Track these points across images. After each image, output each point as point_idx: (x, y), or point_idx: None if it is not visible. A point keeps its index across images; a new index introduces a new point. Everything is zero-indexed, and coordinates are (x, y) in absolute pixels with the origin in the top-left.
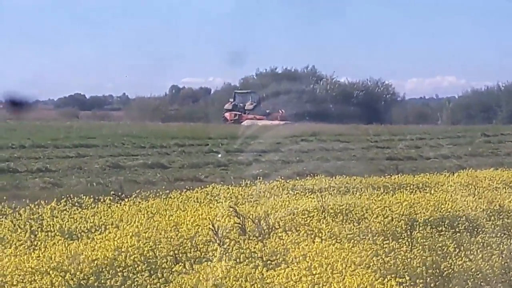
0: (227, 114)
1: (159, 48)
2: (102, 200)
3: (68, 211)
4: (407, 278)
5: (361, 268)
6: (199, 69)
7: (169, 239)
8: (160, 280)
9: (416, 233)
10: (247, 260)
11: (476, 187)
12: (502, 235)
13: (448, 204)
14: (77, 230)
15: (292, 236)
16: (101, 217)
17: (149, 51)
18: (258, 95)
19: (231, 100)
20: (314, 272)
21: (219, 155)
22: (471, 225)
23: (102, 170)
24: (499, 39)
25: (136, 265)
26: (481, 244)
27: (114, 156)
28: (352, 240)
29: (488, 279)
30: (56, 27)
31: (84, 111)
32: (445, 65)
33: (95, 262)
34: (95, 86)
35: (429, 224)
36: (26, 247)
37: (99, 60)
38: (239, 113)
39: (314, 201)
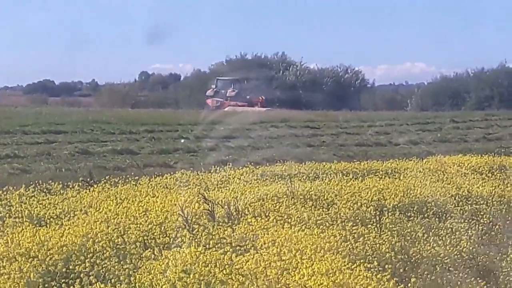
0: (209, 101)
1: (128, 34)
2: (71, 186)
3: (36, 197)
4: (376, 263)
5: (330, 253)
6: (168, 56)
7: (138, 225)
8: (129, 266)
9: (385, 218)
10: (216, 246)
11: (444, 173)
12: (470, 220)
13: (417, 190)
14: (46, 216)
15: (262, 221)
16: (70, 203)
17: (118, 37)
18: (240, 82)
19: (213, 86)
20: (283, 258)
21: (182, 141)
22: (439, 210)
23: (71, 156)
24: (468, 26)
25: (105, 251)
26: (450, 229)
27: (83, 142)
28: (321, 226)
29: (457, 264)
30: (25, 13)
31: (53, 97)
32: (415, 51)
33: (64, 248)
34: (64, 72)
35: (398, 210)
36: None
37: (68, 46)
38: (221, 100)
39: (284, 187)
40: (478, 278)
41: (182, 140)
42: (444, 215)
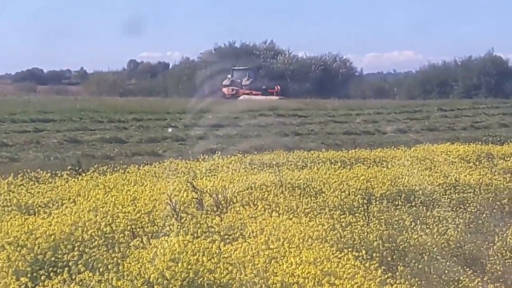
0: (224, 89)
1: (117, 22)
2: (59, 174)
3: (25, 186)
4: (364, 252)
5: (318, 242)
6: (157, 44)
7: (126, 214)
8: (118, 254)
9: (373, 207)
10: (204, 235)
11: (432, 162)
12: (457, 209)
13: (405, 178)
14: (34, 205)
15: (250, 210)
16: (58, 192)
17: (107, 25)
18: (254, 72)
19: (229, 76)
20: (271, 246)
21: (170, 130)
22: (427, 199)
23: (59, 145)
24: (455, 15)
25: (93, 240)
26: (437, 218)
27: (72, 131)
28: (309, 214)
29: (444, 252)
30: (12, 0)
31: (41, 86)
32: (403, 40)
33: (52, 237)
34: (53, 61)
35: (385, 198)
36: None
37: (57, 34)
38: (236, 88)
39: (272, 176)
40: (465, 266)
41: (170, 129)
42: (432, 203)
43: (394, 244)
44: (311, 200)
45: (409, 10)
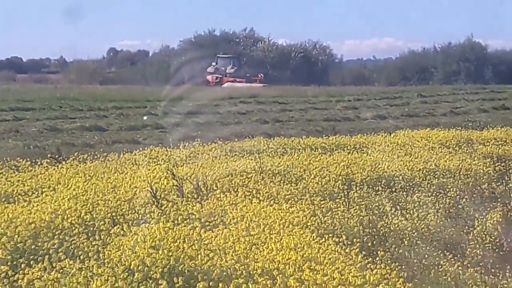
0: (209, 77)
1: (96, 9)
2: (39, 163)
3: (4, 174)
4: (344, 237)
5: (299, 228)
6: (136, 32)
7: (106, 202)
8: (98, 242)
9: (353, 193)
10: (185, 222)
11: (412, 147)
12: (437, 194)
13: (385, 164)
14: (14, 193)
15: (230, 197)
16: (38, 180)
17: (86, 13)
18: (239, 60)
19: (213, 63)
20: (252, 233)
21: (145, 117)
22: (407, 184)
23: (39, 133)
24: (434, 1)
25: (73, 228)
26: (417, 203)
27: (52, 119)
28: (290, 201)
29: (424, 237)
30: None
31: (21, 74)
32: (382, 26)
33: (32, 225)
34: (32, 49)
35: (366, 184)
36: None
37: (36, 22)
38: (220, 76)
39: (252, 162)
40: (445, 251)
41: (145, 117)
42: (412, 189)
43: (374, 230)
44: (292, 186)
45: None
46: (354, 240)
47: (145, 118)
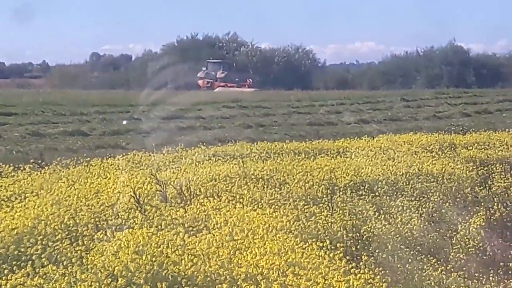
0: (200, 82)
1: (79, 14)
2: (22, 168)
3: None
4: (328, 242)
5: (282, 233)
6: (119, 36)
7: (90, 207)
8: (81, 247)
9: (337, 197)
10: (168, 227)
11: (395, 152)
12: (421, 198)
13: (368, 169)
14: None
15: (214, 202)
16: (21, 186)
17: (69, 18)
18: (229, 65)
19: (204, 68)
20: (235, 238)
21: (124, 122)
22: (390, 189)
23: (22, 138)
24: (417, 5)
25: (56, 233)
26: (401, 207)
27: (34, 124)
28: (274, 206)
29: (407, 242)
30: None
31: (3, 79)
32: (365, 30)
33: (15, 230)
34: (14, 54)
35: (349, 189)
36: None
37: (18, 27)
38: (211, 80)
39: (236, 167)
40: (428, 255)
41: (124, 122)
42: (395, 193)
43: (358, 234)
44: (275, 191)
45: (370, 1)
46: (338, 244)
47: (124, 122)
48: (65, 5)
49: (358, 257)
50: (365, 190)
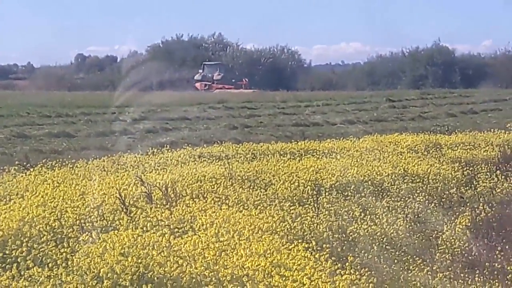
0: (197, 84)
1: (64, 15)
2: (7, 170)
3: None
4: (314, 243)
5: (268, 233)
6: (104, 38)
7: (75, 209)
8: (67, 249)
9: (323, 198)
10: (154, 229)
11: (381, 152)
12: (406, 198)
13: (354, 169)
14: None
15: (199, 203)
16: (6, 188)
17: (54, 19)
18: (225, 66)
19: (200, 71)
20: (221, 239)
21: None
22: (376, 189)
23: (7, 140)
24: (402, 5)
25: (42, 235)
26: (386, 208)
27: (19, 126)
28: (259, 206)
29: (393, 242)
30: None
31: None
32: (350, 31)
33: (0, 233)
34: None
35: (335, 189)
36: None
37: (2, 29)
38: (209, 83)
39: (221, 168)
40: (414, 256)
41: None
42: (381, 194)
43: (343, 235)
44: (261, 192)
45: (356, 1)
46: (324, 245)
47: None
48: (50, 6)
49: (344, 258)
50: (351, 190)
